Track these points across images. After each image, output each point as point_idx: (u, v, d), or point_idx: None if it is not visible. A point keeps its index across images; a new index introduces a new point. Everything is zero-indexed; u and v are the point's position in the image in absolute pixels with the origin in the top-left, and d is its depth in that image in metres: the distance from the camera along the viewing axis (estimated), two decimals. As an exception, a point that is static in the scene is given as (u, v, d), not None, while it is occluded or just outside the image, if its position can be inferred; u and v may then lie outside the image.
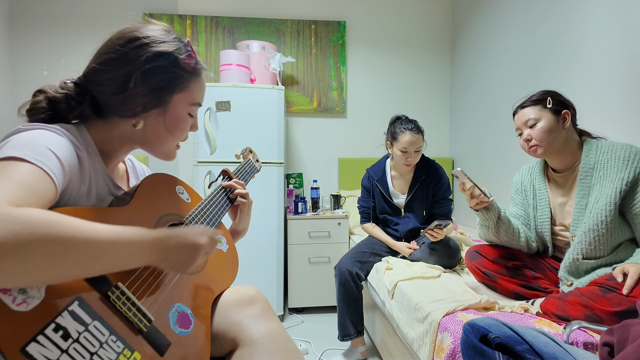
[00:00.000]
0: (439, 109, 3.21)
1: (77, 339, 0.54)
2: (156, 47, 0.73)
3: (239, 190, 0.99)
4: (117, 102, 0.73)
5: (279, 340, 0.79)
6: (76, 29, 2.74)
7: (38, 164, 0.58)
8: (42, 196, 0.56)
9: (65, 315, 0.54)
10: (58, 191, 0.60)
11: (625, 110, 1.58)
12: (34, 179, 0.56)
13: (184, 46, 0.77)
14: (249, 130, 2.36)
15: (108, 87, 0.72)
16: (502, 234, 1.40)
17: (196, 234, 0.69)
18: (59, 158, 0.62)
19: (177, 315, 0.71)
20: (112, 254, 0.56)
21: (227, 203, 0.96)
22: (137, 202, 0.75)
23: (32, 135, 0.62)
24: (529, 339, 0.76)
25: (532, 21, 2.14)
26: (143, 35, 0.73)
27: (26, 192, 0.54)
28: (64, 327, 0.53)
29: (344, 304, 1.83)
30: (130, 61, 0.71)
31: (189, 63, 0.77)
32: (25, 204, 0.52)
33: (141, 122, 0.76)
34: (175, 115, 0.78)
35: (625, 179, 1.17)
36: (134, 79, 0.71)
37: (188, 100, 0.79)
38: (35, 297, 0.52)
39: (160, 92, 0.74)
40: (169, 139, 0.80)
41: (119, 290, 0.61)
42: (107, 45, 0.73)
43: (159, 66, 0.73)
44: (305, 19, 2.99)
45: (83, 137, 0.72)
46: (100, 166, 0.75)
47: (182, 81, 0.77)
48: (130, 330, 0.61)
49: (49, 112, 0.72)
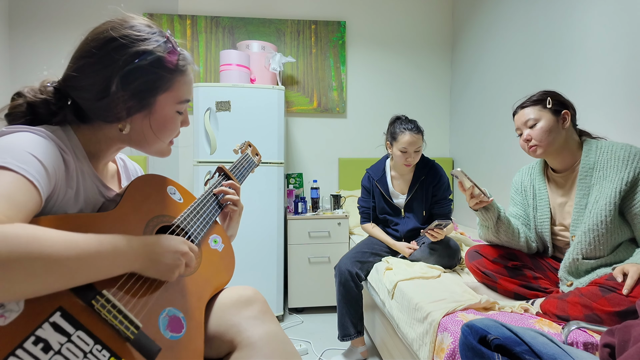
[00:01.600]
0: (439, 109, 3.21)
1: (59, 351, 0.53)
2: (135, 47, 0.68)
3: (229, 196, 0.96)
4: (99, 108, 0.70)
5: (277, 342, 0.78)
6: (76, 29, 2.74)
7: (20, 171, 0.56)
8: (24, 207, 0.54)
9: (46, 327, 0.53)
10: (42, 199, 0.59)
11: (625, 110, 1.58)
12: (15, 189, 0.54)
13: (165, 42, 0.72)
14: (249, 130, 2.36)
15: (88, 93, 0.69)
16: (501, 234, 1.40)
17: (179, 242, 0.69)
18: (43, 163, 0.59)
19: (167, 319, 0.69)
20: (95, 265, 0.55)
21: (219, 205, 0.95)
22: (125, 205, 0.73)
23: (14, 139, 0.59)
24: (528, 339, 0.76)
25: (532, 21, 2.14)
26: (119, 35, 0.68)
27: (8, 205, 0.52)
28: (44, 340, 0.52)
29: (344, 304, 1.83)
30: (108, 65, 0.67)
31: (172, 61, 0.73)
32: (7, 217, 0.51)
33: (127, 125, 0.73)
34: (162, 116, 0.75)
35: (625, 179, 1.17)
36: (114, 84, 0.67)
37: (174, 99, 0.76)
38: (14, 311, 0.51)
39: (143, 94, 0.71)
40: (157, 140, 0.78)
41: (104, 298, 0.60)
42: (82, 48, 0.69)
43: (139, 67, 0.68)
44: (305, 19, 2.99)
45: (69, 138, 0.70)
46: (88, 168, 0.73)
47: (166, 81, 0.73)
48: (117, 338, 0.60)
49: (29, 117, 0.69)
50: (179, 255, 0.69)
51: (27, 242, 0.48)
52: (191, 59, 0.79)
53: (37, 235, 0.49)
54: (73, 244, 0.52)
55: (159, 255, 0.66)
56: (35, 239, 0.49)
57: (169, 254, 0.67)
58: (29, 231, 0.49)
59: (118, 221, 0.70)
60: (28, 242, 0.48)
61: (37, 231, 0.50)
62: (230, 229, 1.00)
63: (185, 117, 0.82)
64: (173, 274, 0.68)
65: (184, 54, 0.76)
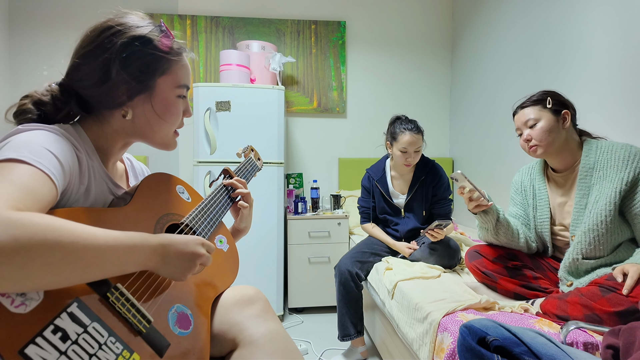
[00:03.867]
0: (439, 109, 3.21)
1: (76, 341, 0.54)
2: (130, 31, 0.72)
3: (240, 189, 0.98)
4: (100, 94, 0.72)
5: (279, 340, 0.79)
6: (76, 29, 2.73)
7: (38, 165, 0.57)
8: (42, 198, 0.56)
9: (64, 316, 0.54)
10: (58, 193, 0.60)
11: (625, 110, 1.58)
12: (33, 181, 0.55)
13: (158, 27, 0.76)
14: (249, 130, 2.36)
15: (89, 81, 0.71)
16: (501, 236, 1.40)
17: (195, 243, 0.69)
18: (59, 159, 0.61)
19: (176, 315, 0.70)
20: (110, 260, 0.55)
21: (228, 202, 0.96)
22: (137, 202, 0.75)
23: (31, 136, 0.61)
24: (527, 340, 0.76)
25: (532, 21, 2.14)
26: (116, 23, 0.72)
27: (26, 195, 0.53)
28: (62, 329, 0.53)
29: (344, 304, 1.83)
30: (106, 50, 0.70)
31: (167, 44, 0.75)
32: (26, 207, 0.52)
33: (130, 111, 0.75)
34: (163, 99, 0.77)
35: (624, 179, 1.17)
36: (113, 68, 0.70)
37: (173, 82, 0.78)
38: (34, 299, 0.52)
39: (141, 76, 0.73)
40: (162, 125, 0.79)
41: (118, 291, 0.61)
42: (83, 40, 0.73)
43: (136, 50, 0.71)
44: (305, 19, 2.98)
45: (80, 136, 0.72)
46: (99, 165, 0.74)
47: (163, 63, 0.75)
48: (129, 331, 0.61)
49: (37, 114, 0.72)
50: (195, 257, 0.69)
51: (45, 231, 0.48)
52: (186, 47, 0.81)
53: (55, 224, 0.50)
54: (91, 237, 0.53)
55: (173, 257, 0.66)
56: (54, 229, 0.49)
57: (184, 256, 0.67)
58: (47, 220, 0.49)
59: (130, 217, 0.71)
60: (46, 231, 0.48)
61: (55, 221, 0.50)
62: (243, 221, 1.01)
63: (187, 106, 0.83)
64: (185, 276, 0.69)
65: (178, 41, 0.79)
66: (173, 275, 0.67)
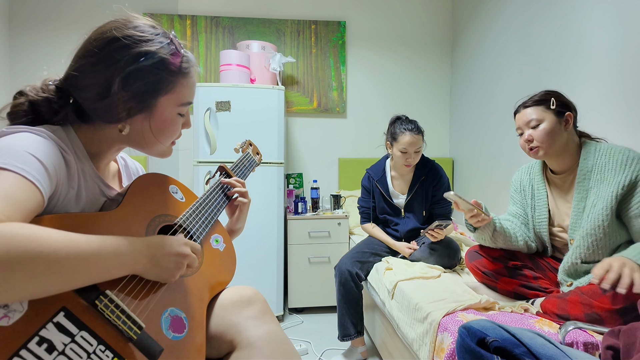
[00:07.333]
0: (439, 109, 3.21)
1: (63, 351, 0.53)
2: (137, 48, 0.67)
3: (237, 188, 0.96)
4: (100, 108, 0.69)
5: (277, 342, 0.78)
6: (76, 29, 2.74)
7: (21, 172, 0.55)
8: (26, 207, 0.54)
9: (50, 327, 0.53)
10: (45, 199, 0.58)
11: (625, 110, 1.58)
12: (16, 189, 0.53)
13: (168, 44, 0.71)
14: (249, 130, 2.36)
15: (89, 93, 0.68)
16: (499, 243, 1.41)
17: (179, 243, 0.69)
18: (43, 163, 0.59)
19: (170, 319, 0.69)
20: (96, 266, 0.55)
21: (223, 201, 0.94)
22: (128, 204, 0.73)
23: (14, 140, 0.59)
24: (526, 341, 0.76)
25: (532, 21, 2.14)
26: (122, 35, 0.67)
27: (8, 205, 0.51)
28: (48, 340, 0.52)
29: (344, 304, 1.83)
30: (110, 65, 0.66)
31: (175, 63, 0.71)
32: (7, 217, 0.50)
33: (127, 127, 0.72)
34: (162, 118, 0.74)
35: (622, 183, 1.16)
36: (115, 84, 0.66)
37: (176, 101, 0.75)
38: (17, 311, 0.51)
39: (144, 96, 0.70)
40: (156, 143, 0.77)
41: (107, 298, 0.59)
42: (84, 47, 0.68)
43: (141, 69, 0.67)
44: (305, 19, 2.98)
45: (70, 138, 0.69)
46: (90, 168, 0.72)
47: (168, 83, 0.72)
48: (120, 338, 0.60)
49: (31, 116, 0.69)
50: (181, 258, 0.69)
51: (25, 242, 0.47)
52: (195, 61, 0.77)
53: (36, 234, 0.49)
54: (74, 244, 0.52)
55: (160, 258, 0.65)
56: (35, 238, 0.48)
57: (170, 257, 0.67)
58: (27, 231, 0.48)
59: (120, 220, 0.70)
60: (27, 241, 0.47)
61: (37, 230, 0.49)
62: (239, 221, 1.00)
63: (187, 120, 0.81)
64: (174, 277, 0.68)
65: (187, 56, 0.75)
66: (161, 277, 0.67)
